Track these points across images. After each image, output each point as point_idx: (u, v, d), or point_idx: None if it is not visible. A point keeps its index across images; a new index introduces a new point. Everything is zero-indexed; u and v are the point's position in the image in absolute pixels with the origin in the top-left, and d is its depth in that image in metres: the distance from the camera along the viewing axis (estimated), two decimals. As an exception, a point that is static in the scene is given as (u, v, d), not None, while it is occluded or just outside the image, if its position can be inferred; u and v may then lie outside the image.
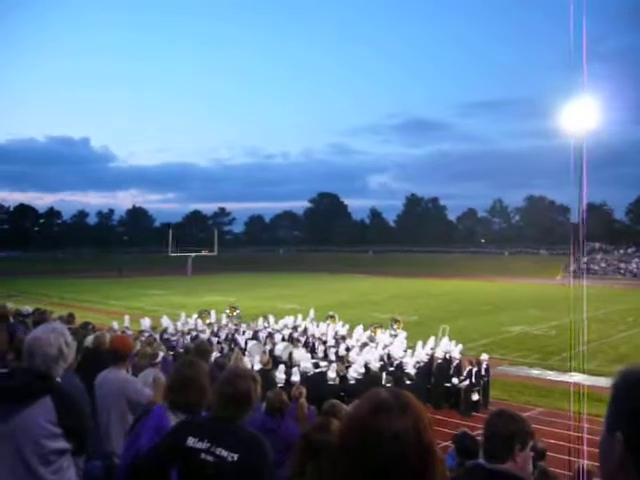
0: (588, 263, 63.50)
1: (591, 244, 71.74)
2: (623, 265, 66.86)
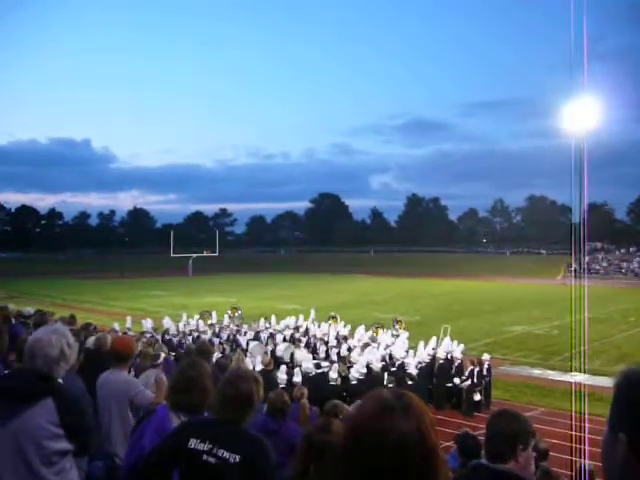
0: (590, 263, 63.49)
1: (592, 244, 71.80)
2: (625, 265, 66.82)
